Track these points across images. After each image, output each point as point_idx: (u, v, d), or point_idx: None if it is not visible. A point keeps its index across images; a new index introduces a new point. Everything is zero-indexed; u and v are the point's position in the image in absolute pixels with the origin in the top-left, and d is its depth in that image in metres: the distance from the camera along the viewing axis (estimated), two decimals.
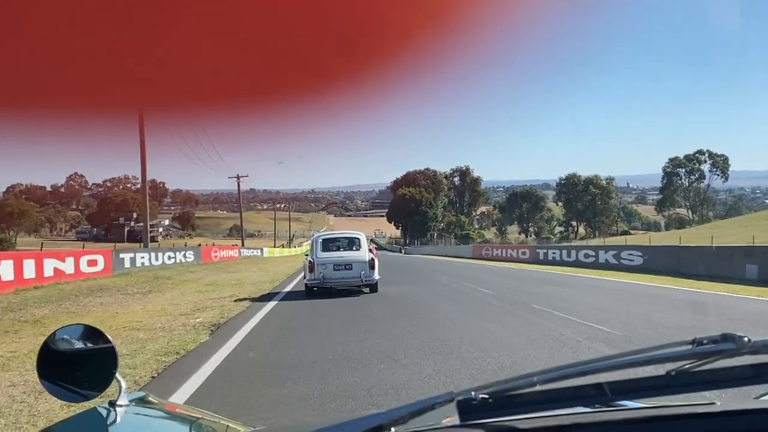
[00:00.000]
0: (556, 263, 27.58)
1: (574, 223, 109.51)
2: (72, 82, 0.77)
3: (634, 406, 0.97)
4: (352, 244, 13.69)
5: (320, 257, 13.00)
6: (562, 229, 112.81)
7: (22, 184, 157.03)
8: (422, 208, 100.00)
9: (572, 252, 27.49)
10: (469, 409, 0.79)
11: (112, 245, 44.33)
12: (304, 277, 13.29)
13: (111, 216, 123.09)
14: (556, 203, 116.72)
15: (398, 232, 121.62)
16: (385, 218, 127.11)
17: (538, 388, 0.79)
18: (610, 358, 0.84)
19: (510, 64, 0.94)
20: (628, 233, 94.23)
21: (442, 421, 0.90)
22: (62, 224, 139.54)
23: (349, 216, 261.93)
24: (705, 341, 0.82)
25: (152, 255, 24.79)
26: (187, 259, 28.64)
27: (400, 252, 76.35)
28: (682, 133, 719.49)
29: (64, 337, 1.45)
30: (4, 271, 14.19)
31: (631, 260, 22.06)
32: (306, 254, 15.81)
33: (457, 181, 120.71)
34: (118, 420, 1.31)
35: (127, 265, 21.72)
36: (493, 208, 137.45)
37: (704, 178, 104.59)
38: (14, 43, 0.70)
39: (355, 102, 0.88)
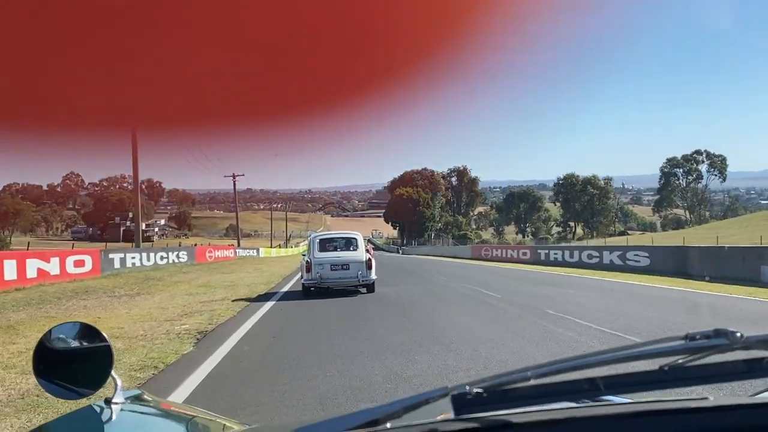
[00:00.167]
0: (558, 264, 26.84)
1: (571, 224, 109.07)
2: (69, 81, 0.77)
3: (628, 401, 0.97)
4: (350, 244, 13.52)
5: (317, 257, 12.88)
6: (559, 230, 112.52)
7: (19, 184, 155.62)
8: (419, 208, 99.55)
9: (575, 252, 26.65)
10: (463, 403, 0.80)
11: (106, 245, 43.52)
12: (302, 277, 13.20)
13: (107, 215, 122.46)
14: (554, 203, 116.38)
15: (395, 233, 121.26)
16: (382, 218, 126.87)
17: (533, 382, 0.81)
18: (603, 353, 0.84)
19: (509, 65, 0.97)
20: (625, 233, 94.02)
21: (437, 417, 0.89)
22: (58, 224, 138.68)
23: (347, 216, 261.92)
24: (698, 336, 0.82)
25: (144, 255, 24.04)
26: (181, 260, 27.88)
27: (398, 252, 75.86)
28: (676, 135, 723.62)
29: (60, 335, 1.45)
30: None
31: (638, 261, 21.32)
32: (303, 254, 15.63)
33: (454, 181, 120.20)
34: (114, 418, 1.34)
35: (117, 265, 20.96)
36: (491, 208, 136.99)
37: (702, 179, 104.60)
38: (10, 42, 0.71)
39: (355, 102, 0.89)
